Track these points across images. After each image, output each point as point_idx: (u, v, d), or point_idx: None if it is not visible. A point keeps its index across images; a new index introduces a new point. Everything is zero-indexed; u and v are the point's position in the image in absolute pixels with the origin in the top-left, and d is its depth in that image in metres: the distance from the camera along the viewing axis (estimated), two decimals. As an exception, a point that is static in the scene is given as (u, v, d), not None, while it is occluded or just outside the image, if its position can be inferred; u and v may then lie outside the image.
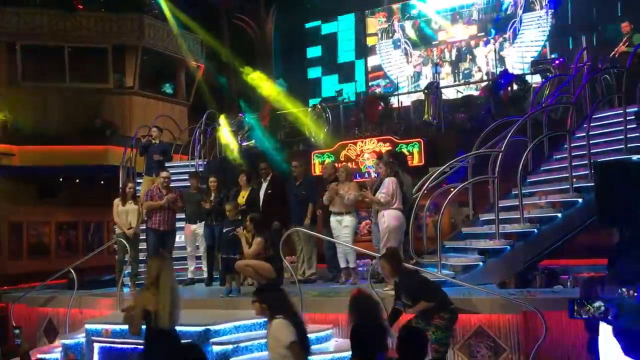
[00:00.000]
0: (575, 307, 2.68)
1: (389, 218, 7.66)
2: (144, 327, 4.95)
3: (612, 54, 10.89)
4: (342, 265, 8.69)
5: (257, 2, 21.05)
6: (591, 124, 8.71)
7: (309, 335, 6.71)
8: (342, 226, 8.54)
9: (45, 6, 15.22)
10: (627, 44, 10.61)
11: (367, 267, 8.79)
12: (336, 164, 10.20)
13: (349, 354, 6.44)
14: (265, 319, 7.10)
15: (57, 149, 14.23)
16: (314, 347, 6.67)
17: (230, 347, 6.55)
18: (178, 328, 6.79)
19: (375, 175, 9.47)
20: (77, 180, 15.20)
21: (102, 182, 14.65)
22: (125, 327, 7.07)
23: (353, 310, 4.69)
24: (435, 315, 5.51)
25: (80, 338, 7.49)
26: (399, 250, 7.66)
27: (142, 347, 6.84)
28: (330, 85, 21.00)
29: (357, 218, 8.92)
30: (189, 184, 10.33)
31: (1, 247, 14.25)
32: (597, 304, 2.63)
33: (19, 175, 14.16)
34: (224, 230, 8.34)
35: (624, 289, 3.62)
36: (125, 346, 6.87)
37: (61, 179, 15.04)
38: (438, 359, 5.42)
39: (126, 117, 15.33)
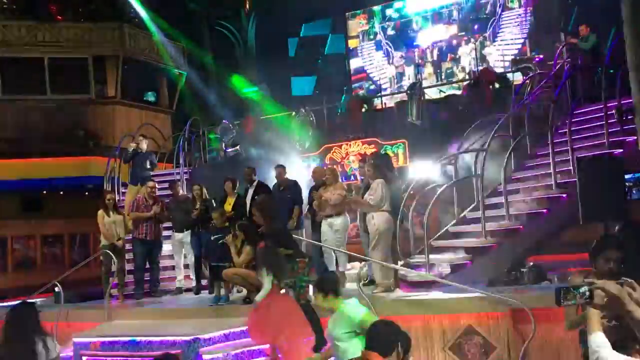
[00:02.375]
0: (562, 294, 2.69)
1: (378, 220, 7.64)
2: None
3: (566, 43, 11.73)
4: (330, 268, 8.67)
5: (238, 8, 21.04)
6: (573, 120, 8.80)
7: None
8: (334, 230, 8.50)
9: (23, 18, 15.08)
10: (580, 38, 11.16)
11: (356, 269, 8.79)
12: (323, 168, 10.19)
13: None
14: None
15: (40, 161, 14.10)
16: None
17: (220, 355, 6.51)
18: (168, 338, 6.80)
19: (361, 178, 9.47)
20: (62, 193, 15.06)
21: (86, 194, 14.53)
22: (114, 339, 7.06)
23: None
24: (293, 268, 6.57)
25: (69, 352, 7.41)
26: (389, 253, 7.68)
27: (130, 359, 6.82)
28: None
29: (348, 220, 8.87)
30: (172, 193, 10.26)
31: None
32: (582, 289, 2.63)
33: (2, 189, 14.01)
34: (212, 238, 8.30)
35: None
36: (115, 359, 6.81)
37: (45, 192, 14.90)
38: (305, 304, 6.25)
39: (109, 127, 15.22)
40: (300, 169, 12.39)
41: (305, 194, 9.46)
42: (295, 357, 5.85)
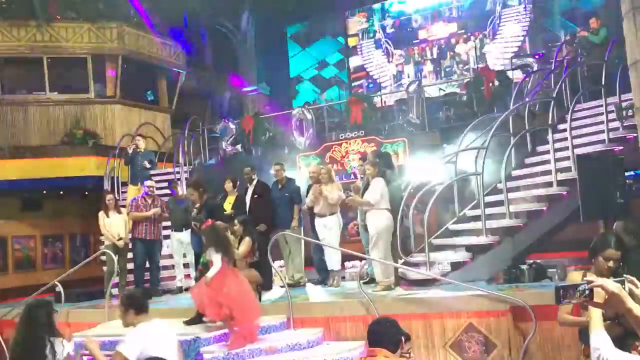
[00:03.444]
0: (561, 293, 2.68)
1: (377, 219, 7.64)
2: None
3: (577, 34, 11.52)
4: (330, 267, 8.69)
5: (237, 7, 21.00)
6: (573, 117, 8.79)
7: (301, 339, 6.78)
8: (327, 228, 8.53)
9: (22, 18, 15.05)
10: (590, 31, 11.00)
11: (356, 268, 8.80)
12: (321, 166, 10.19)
13: (341, 356, 6.46)
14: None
15: (40, 161, 14.05)
16: (305, 352, 6.67)
17: (221, 354, 6.50)
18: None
19: (361, 176, 9.47)
20: (61, 192, 15.05)
21: (86, 193, 14.52)
22: (114, 338, 7.04)
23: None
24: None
25: (70, 351, 7.39)
26: (389, 251, 7.66)
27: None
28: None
29: (341, 219, 8.90)
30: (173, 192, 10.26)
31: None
32: (581, 287, 2.62)
33: (1, 189, 13.98)
34: (210, 237, 8.28)
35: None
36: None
37: (45, 192, 14.88)
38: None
39: (108, 127, 15.18)
40: (299, 168, 12.40)
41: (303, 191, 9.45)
42: (250, 329, 6.48)
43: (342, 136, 12.86)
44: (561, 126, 9.33)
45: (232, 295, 6.38)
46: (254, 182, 9.44)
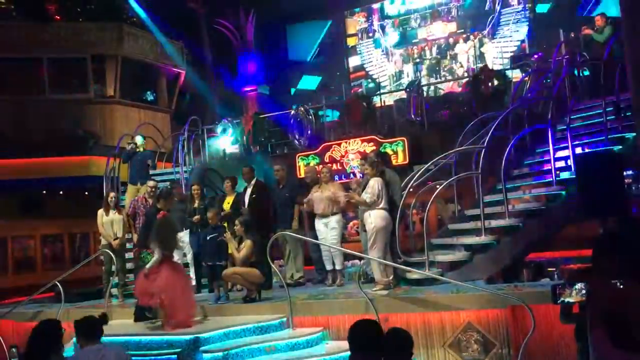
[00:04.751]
0: (558, 292, 2.69)
1: (375, 218, 7.64)
2: None
3: (580, 33, 11.33)
4: (328, 267, 8.68)
5: (236, 6, 21.00)
6: (572, 116, 8.79)
7: (300, 339, 6.80)
8: (330, 228, 8.52)
9: (21, 18, 15.07)
10: (595, 29, 10.84)
11: (355, 267, 8.82)
12: (317, 166, 10.19)
13: (340, 355, 6.47)
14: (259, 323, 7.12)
15: (40, 161, 14.08)
16: (304, 351, 6.68)
17: (220, 354, 6.51)
18: (168, 337, 6.80)
19: (361, 175, 9.47)
20: (61, 192, 15.07)
21: (86, 193, 14.53)
22: (114, 338, 7.05)
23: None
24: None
25: (69, 351, 7.40)
26: (387, 250, 7.67)
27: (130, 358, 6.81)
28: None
29: (343, 219, 8.90)
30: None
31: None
32: (578, 286, 2.63)
33: (1, 189, 14.00)
34: (208, 238, 8.29)
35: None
36: (115, 358, 6.78)
37: (45, 192, 14.90)
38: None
39: (108, 127, 15.21)
40: (298, 167, 12.41)
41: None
42: (182, 318, 7.09)
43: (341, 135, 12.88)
44: (560, 125, 9.33)
45: (163, 287, 7.05)
46: (253, 182, 9.43)
